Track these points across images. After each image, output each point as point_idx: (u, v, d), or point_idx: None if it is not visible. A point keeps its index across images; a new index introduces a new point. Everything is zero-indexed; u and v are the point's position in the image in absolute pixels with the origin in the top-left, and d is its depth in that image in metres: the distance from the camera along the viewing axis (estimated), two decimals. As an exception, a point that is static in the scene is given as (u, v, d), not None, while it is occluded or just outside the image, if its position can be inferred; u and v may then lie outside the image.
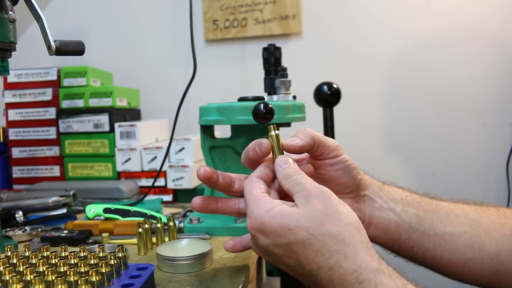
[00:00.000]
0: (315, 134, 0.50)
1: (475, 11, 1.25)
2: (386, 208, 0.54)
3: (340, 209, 0.43)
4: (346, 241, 0.41)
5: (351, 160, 0.52)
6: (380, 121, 1.32)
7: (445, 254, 0.54)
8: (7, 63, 0.58)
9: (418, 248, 0.54)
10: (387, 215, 0.54)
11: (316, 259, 0.41)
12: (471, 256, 0.53)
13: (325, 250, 0.41)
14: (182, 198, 0.99)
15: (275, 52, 0.80)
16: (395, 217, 0.54)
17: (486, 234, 0.53)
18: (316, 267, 0.41)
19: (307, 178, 0.46)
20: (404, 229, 0.54)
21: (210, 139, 0.73)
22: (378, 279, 0.39)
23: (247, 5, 1.32)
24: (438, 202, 0.57)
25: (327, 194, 0.43)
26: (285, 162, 0.48)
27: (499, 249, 0.53)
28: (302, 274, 0.44)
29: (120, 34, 1.40)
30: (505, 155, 1.26)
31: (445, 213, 0.55)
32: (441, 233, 0.54)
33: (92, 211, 0.76)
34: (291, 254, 0.42)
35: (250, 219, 0.45)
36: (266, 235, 0.43)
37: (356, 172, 0.52)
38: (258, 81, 0.92)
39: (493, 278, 0.53)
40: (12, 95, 1.06)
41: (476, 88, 1.27)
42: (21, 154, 1.06)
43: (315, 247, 0.41)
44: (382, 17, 1.29)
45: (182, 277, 0.52)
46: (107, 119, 1.03)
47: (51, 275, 0.41)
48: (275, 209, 0.43)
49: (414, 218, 0.54)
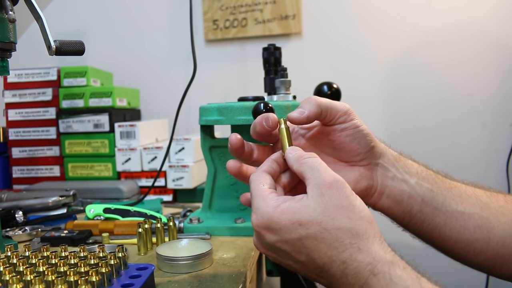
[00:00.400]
0: (321, 101, 0.49)
1: (475, 11, 1.25)
2: (400, 179, 0.53)
3: (354, 201, 0.41)
4: (360, 235, 0.40)
5: (364, 126, 0.51)
6: (380, 121, 1.32)
7: (454, 232, 0.54)
8: (7, 63, 0.58)
9: (428, 223, 0.54)
10: (401, 186, 0.53)
11: (329, 253, 0.40)
12: (478, 237, 0.53)
13: (338, 244, 0.40)
14: (182, 198, 0.99)
15: (275, 52, 0.80)
16: (409, 189, 0.53)
17: (495, 217, 0.54)
18: (329, 261, 0.41)
19: (322, 163, 0.44)
20: (416, 202, 0.54)
21: (210, 139, 0.73)
22: (392, 271, 0.39)
23: (247, 5, 1.32)
24: (451, 181, 0.56)
25: (341, 184, 0.42)
26: (296, 149, 0.47)
27: (505, 234, 0.53)
28: (312, 269, 0.43)
29: (120, 34, 1.40)
30: (505, 155, 1.26)
31: (457, 192, 0.55)
32: (453, 210, 0.54)
33: (92, 211, 0.76)
34: (302, 250, 0.41)
35: (257, 215, 0.43)
36: (273, 231, 0.42)
37: (369, 138, 0.51)
38: (258, 81, 0.92)
39: (496, 262, 0.54)
40: (12, 95, 1.06)
41: (476, 88, 1.27)
42: (21, 154, 1.06)
43: (328, 241, 0.40)
44: (382, 17, 1.29)
45: (182, 277, 0.53)
46: (107, 119, 1.03)
47: (51, 275, 0.41)
48: (283, 205, 0.42)
49: (428, 192, 0.54)
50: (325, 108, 0.49)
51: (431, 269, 0.58)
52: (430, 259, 0.80)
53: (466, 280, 1.26)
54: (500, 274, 0.56)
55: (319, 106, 0.48)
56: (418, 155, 1.39)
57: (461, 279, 1.27)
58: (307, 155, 0.45)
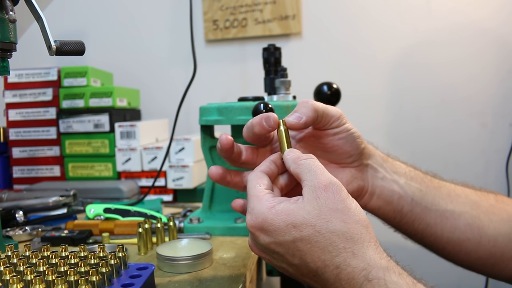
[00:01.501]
0: (317, 107, 0.48)
1: (475, 10, 1.25)
2: (389, 179, 0.54)
3: (349, 204, 0.41)
4: (354, 239, 0.39)
5: (354, 129, 0.51)
6: (380, 121, 1.32)
7: (445, 231, 0.54)
8: (7, 63, 0.58)
9: (419, 222, 0.54)
10: (390, 186, 0.54)
11: (322, 257, 0.40)
12: (470, 236, 0.53)
13: (332, 248, 0.39)
14: (182, 198, 0.99)
15: (275, 52, 0.80)
16: (399, 189, 0.54)
17: (485, 216, 0.54)
18: (322, 266, 0.40)
19: (319, 165, 0.43)
20: (407, 202, 0.54)
21: (210, 139, 0.73)
22: (387, 277, 0.38)
23: (247, 5, 1.32)
24: (440, 181, 0.57)
25: (337, 187, 0.41)
26: (294, 151, 0.46)
27: (496, 233, 0.53)
28: (306, 273, 0.42)
29: (121, 34, 1.40)
30: (504, 155, 1.26)
31: (446, 191, 0.55)
32: (443, 210, 0.54)
33: (92, 211, 0.76)
34: (295, 252, 0.41)
35: (251, 216, 0.43)
36: (267, 233, 0.42)
37: (359, 140, 0.52)
38: (258, 81, 0.92)
39: (487, 261, 0.54)
40: (12, 95, 1.06)
41: (476, 88, 1.27)
42: (22, 154, 1.06)
43: (322, 244, 0.40)
44: (382, 18, 1.29)
45: (182, 277, 0.53)
46: (107, 119, 1.03)
47: (52, 275, 0.42)
48: (278, 206, 0.41)
49: (417, 192, 0.54)
50: (321, 113, 0.49)
51: (429, 269, 0.58)
52: (427, 259, 0.80)
53: (466, 280, 1.26)
54: (492, 273, 0.56)
55: (316, 111, 0.48)
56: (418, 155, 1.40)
57: (460, 280, 1.27)
58: (305, 157, 0.45)
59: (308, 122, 0.48)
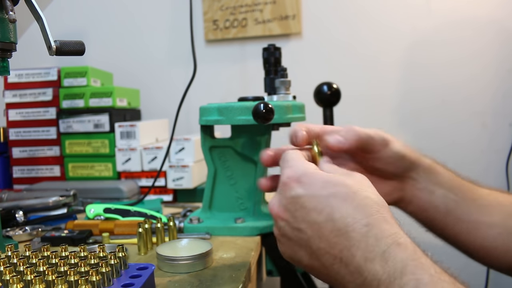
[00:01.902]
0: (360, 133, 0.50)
1: (475, 10, 1.25)
2: (428, 190, 0.56)
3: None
4: (387, 208, 0.41)
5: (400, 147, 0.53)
6: (380, 122, 1.32)
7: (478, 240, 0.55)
8: (7, 63, 0.58)
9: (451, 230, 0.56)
10: (429, 197, 0.55)
11: (353, 215, 0.39)
12: (498, 245, 0.54)
13: (366, 208, 0.40)
14: (182, 198, 0.99)
15: (275, 52, 0.80)
16: (436, 200, 0.55)
17: None
18: (352, 222, 0.39)
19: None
20: (441, 213, 0.55)
21: (210, 139, 0.73)
22: (416, 248, 0.38)
23: (247, 5, 1.32)
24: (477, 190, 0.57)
25: None
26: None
27: None
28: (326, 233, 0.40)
29: (120, 34, 1.40)
30: (504, 155, 1.26)
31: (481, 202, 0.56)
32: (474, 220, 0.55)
33: (92, 211, 0.76)
34: (325, 208, 0.40)
35: (291, 168, 0.44)
36: (304, 185, 0.42)
37: (405, 160, 0.54)
38: (258, 81, 0.92)
39: None
40: (12, 95, 1.06)
41: (476, 89, 1.27)
42: (22, 154, 1.06)
43: (356, 203, 0.40)
44: (382, 18, 1.29)
45: (182, 277, 0.53)
46: (107, 119, 1.03)
47: (52, 275, 0.41)
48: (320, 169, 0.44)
49: (453, 203, 0.55)
50: (365, 141, 0.51)
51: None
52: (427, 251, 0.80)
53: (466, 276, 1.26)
54: None
55: (359, 139, 0.50)
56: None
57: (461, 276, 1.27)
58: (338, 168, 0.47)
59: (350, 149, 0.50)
